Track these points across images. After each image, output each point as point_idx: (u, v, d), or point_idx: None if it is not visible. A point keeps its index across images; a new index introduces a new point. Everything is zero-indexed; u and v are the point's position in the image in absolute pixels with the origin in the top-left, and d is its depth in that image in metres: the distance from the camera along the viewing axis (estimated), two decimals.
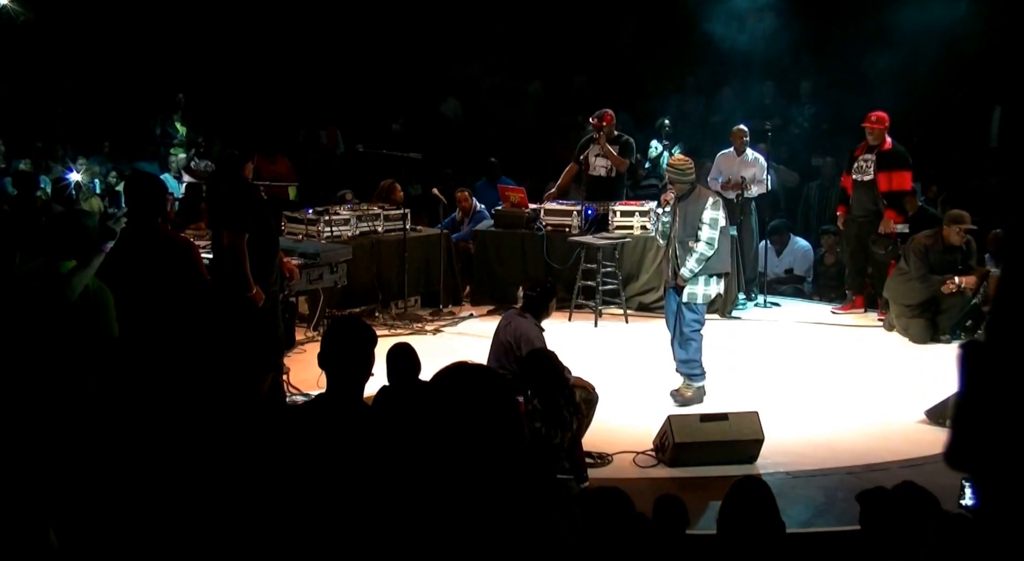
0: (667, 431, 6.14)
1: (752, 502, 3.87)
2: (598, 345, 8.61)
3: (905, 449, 6.39)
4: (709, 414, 6.26)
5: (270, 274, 6.35)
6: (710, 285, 7.15)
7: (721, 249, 7.08)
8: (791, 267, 11.26)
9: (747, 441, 6.15)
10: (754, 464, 6.12)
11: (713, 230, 7.02)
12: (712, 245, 7.02)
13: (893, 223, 9.63)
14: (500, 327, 6.44)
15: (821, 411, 7.18)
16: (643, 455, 6.28)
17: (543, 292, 6.51)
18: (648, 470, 6.15)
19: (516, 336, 6.20)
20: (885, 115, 9.71)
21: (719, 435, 6.11)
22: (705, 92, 13.90)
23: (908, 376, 8.04)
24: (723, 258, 7.16)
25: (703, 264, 7.05)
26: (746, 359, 8.50)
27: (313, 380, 7.22)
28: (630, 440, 6.47)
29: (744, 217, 10.39)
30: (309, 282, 7.86)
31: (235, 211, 6.18)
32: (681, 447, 6.05)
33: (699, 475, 5.96)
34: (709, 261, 7.05)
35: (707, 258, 7.04)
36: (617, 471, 6.12)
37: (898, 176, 9.60)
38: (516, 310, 6.53)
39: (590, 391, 6.22)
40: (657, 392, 7.44)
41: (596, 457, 6.19)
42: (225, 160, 6.55)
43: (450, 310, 9.90)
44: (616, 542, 3.71)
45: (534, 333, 6.25)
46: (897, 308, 9.19)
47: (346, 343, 3.39)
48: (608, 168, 10.16)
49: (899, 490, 3.85)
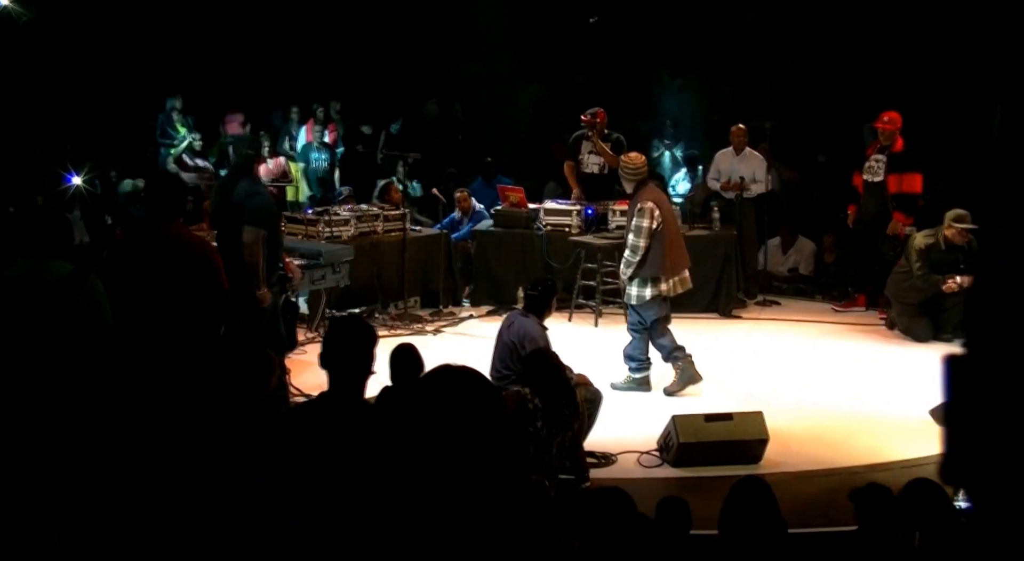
0: (671, 431, 6.13)
1: (753, 502, 3.86)
2: (598, 345, 8.59)
3: (908, 449, 6.38)
4: (714, 414, 6.25)
5: (272, 274, 6.38)
6: (644, 288, 7.32)
7: (651, 255, 7.25)
8: (796, 265, 11.24)
9: (752, 441, 6.15)
10: (758, 464, 6.12)
11: (637, 237, 7.25)
12: (635, 252, 7.27)
13: (902, 225, 9.59)
14: (503, 327, 6.44)
15: (822, 410, 7.17)
16: (647, 455, 6.27)
17: (544, 291, 6.52)
18: (652, 470, 6.14)
19: (520, 336, 6.20)
20: (897, 115, 9.62)
21: (723, 435, 6.11)
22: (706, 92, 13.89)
23: (910, 375, 8.01)
24: (653, 263, 7.28)
25: (631, 268, 7.31)
26: (746, 358, 8.49)
27: (313, 381, 7.23)
28: (632, 440, 6.46)
29: (744, 218, 10.38)
30: (312, 282, 7.84)
31: (258, 208, 6.26)
32: (686, 447, 6.04)
33: (704, 475, 5.95)
34: (639, 266, 7.26)
35: (632, 263, 7.29)
36: (621, 471, 6.12)
37: (908, 178, 9.55)
38: (519, 310, 6.54)
39: (593, 391, 6.22)
40: (658, 392, 7.44)
41: (600, 457, 6.19)
42: (242, 159, 6.55)
43: (450, 310, 9.89)
44: (616, 542, 3.70)
45: (537, 332, 6.25)
46: (899, 307, 9.18)
47: (347, 342, 3.39)
48: (601, 165, 10.14)
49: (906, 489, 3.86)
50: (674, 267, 7.39)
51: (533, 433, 5.34)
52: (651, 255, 7.26)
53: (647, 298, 7.33)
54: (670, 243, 7.34)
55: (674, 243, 7.42)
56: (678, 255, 7.46)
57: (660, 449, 6.28)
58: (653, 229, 7.22)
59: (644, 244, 7.23)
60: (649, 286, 7.31)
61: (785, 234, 11.26)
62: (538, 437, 5.36)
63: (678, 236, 7.65)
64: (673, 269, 7.37)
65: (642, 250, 7.24)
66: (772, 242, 11.29)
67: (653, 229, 7.22)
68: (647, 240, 7.23)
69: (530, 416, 5.36)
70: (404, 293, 9.51)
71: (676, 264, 7.41)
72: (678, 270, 7.44)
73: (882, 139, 9.69)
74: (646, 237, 7.23)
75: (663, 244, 7.27)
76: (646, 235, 7.23)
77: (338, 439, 3.21)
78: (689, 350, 7.50)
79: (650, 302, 7.33)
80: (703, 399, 7.21)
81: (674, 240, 7.44)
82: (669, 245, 7.32)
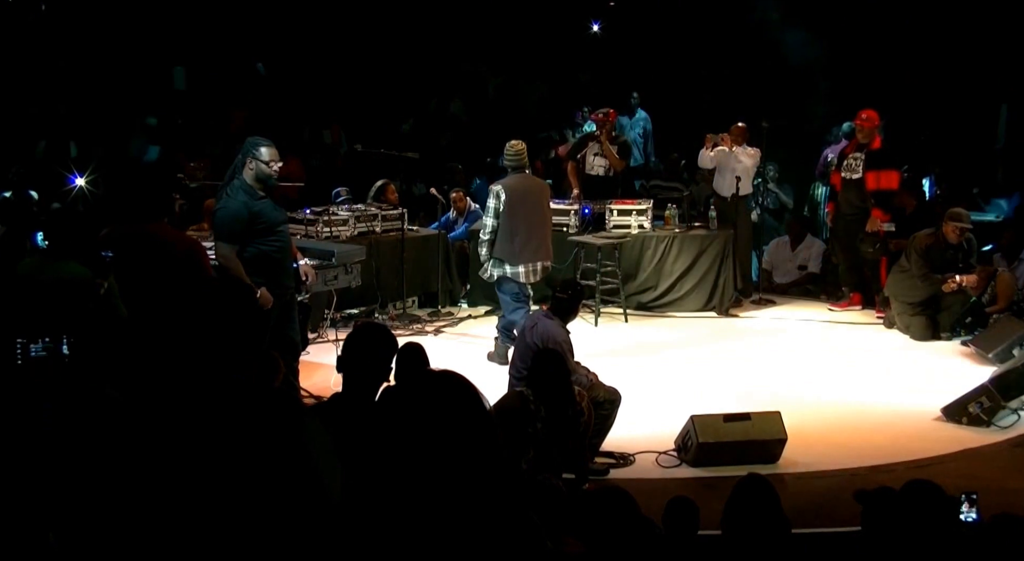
0: (690, 431, 6.12)
1: (757, 501, 3.85)
2: (599, 345, 8.58)
3: (910, 449, 6.38)
4: (732, 414, 6.22)
5: (284, 276, 6.28)
6: (495, 268, 7.77)
7: (499, 237, 7.70)
8: (805, 263, 11.22)
9: (770, 441, 6.14)
10: (776, 463, 6.11)
11: (485, 217, 7.80)
12: (483, 230, 7.82)
13: (880, 222, 9.65)
14: (526, 328, 6.37)
15: (823, 410, 7.13)
16: (665, 455, 6.26)
17: (573, 295, 6.45)
18: (671, 470, 6.13)
19: (543, 339, 6.13)
20: (875, 113, 9.76)
21: (742, 435, 6.10)
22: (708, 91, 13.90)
23: (910, 375, 8.02)
24: (500, 245, 7.71)
25: (483, 247, 7.85)
26: (745, 358, 8.47)
27: (313, 381, 7.22)
28: (647, 440, 6.44)
29: (739, 215, 10.39)
30: (325, 283, 7.77)
31: (218, 222, 6.10)
32: (705, 447, 6.03)
33: (722, 475, 5.84)
34: (489, 246, 7.75)
35: (483, 242, 7.81)
36: (640, 471, 6.10)
37: (886, 175, 9.64)
38: (543, 311, 6.49)
39: (612, 391, 6.20)
40: (659, 392, 7.42)
41: (618, 457, 6.18)
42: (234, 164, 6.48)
43: (448, 310, 9.88)
44: (618, 543, 3.69)
45: (561, 336, 6.20)
46: (899, 305, 9.18)
47: (369, 349, 3.35)
48: (606, 168, 10.13)
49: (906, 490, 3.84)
50: (522, 254, 7.72)
51: (533, 434, 5.33)
52: (499, 237, 7.70)
53: (494, 277, 7.81)
54: (523, 229, 7.69)
55: (530, 230, 7.73)
56: (535, 243, 7.77)
57: (678, 449, 6.26)
58: (499, 210, 7.66)
59: (491, 224, 7.72)
60: (497, 266, 7.76)
61: (793, 232, 11.26)
62: (538, 438, 5.34)
63: (540, 226, 7.89)
64: (522, 256, 7.72)
65: (489, 230, 7.72)
66: (780, 240, 11.30)
67: (499, 210, 7.66)
68: (494, 220, 7.71)
69: (531, 417, 5.35)
70: (403, 294, 9.49)
71: (525, 252, 7.73)
72: (529, 259, 7.75)
73: (860, 137, 9.77)
74: (492, 217, 7.72)
75: (508, 228, 7.67)
76: (492, 215, 7.72)
77: (343, 440, 3.19)
78: (687, 350, 7.46)
79: (501, 280, 7.79)
80: (703, 399, 7.17)
81: (531, 227, 7.74)
82: (522, 231, 7.69)
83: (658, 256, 9.94)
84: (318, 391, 6.83)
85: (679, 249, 9.93)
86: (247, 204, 5.98)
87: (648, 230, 9.96)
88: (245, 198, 5.99)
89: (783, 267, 11.23)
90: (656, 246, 9.95)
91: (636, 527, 3.77)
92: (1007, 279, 9.18)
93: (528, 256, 7.75)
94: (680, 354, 8.53)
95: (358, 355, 3.35)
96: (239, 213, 5.97)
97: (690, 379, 7.83)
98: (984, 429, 6.75)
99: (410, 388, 2.38)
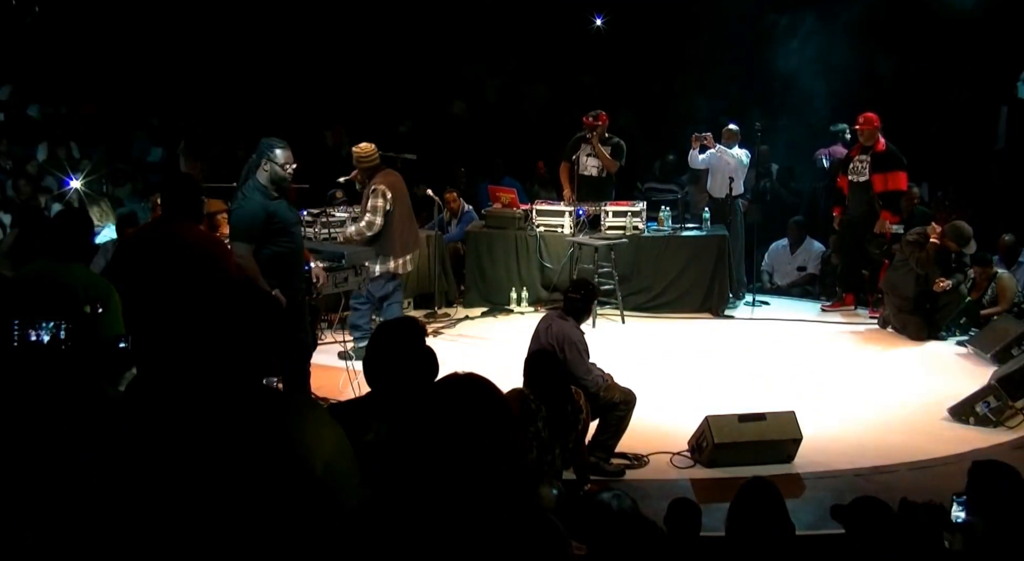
0: (705, 431, 6.11)
1: (761, 504, 3.83)
2: (599, 345, 8.52)
3: (912, 450, 6.37)
4: (747, 414, 6.20)
5: (296, 278, 6.27)
6: (375, 264, 7.89)
7: (383, 233, 7.96)
8: (804, 265, 11.20)
9: (785, 441, 6.14)
10: (791, 464, 6.11)
11: (373, 216, 7.96)
12: (371, 228, 7.96)
13: (889, 223, 9.65)
14: (540, 329, 6.31)
15: (824, 410, 7.09)
16: (679, 456, 6.25)
17: (587, 295, 6.39)
18: (686, 471, 6.12)
19: (559, 339, 6.09)
20: (874, 116, 9.72)
21: (757, 435, 6.10)
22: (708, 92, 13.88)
23: (909, 374, 8.01)
24: (385, 241, 7.98)
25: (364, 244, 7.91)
26: (743, 359, 8.45)
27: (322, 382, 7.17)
28: (660, 440, 6.44)
29: (732, 217, 10.38)
30: (335, 285, 7.73)
31: (234, 222, 6.17)
32: (720, 447, 6.02)
33: (737, 475, 5.70)
34: (371, 243, 7.89)
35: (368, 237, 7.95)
36: (655, 472, 6.10)
37: (893, 177, 9.63)
38: (557, 311, 6.45)
39: (627, 392, 6.18)
40: (663, 393, 7.38)
41: (632, 458, 6.18)
42: (248, 165, 6.45)
43: (444, 312, 9.86)
44: (618, 544, 3.67)
45: (577, 337, 6.17)
46: (896, 301, 9.14)
47: (395, 352, 3.29)
48: (599, 168, 10.13)
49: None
50: (404, 247, 8.10)
51: (535, 434, 5.30)
52: (384, 234, 7.96)
53: (376, 273, 7.94)
54: (400, 224, 8.02)
55: (404, 225, 8.10)
56: (408, 236, 8.16)
57: (692, 449, 6.26)
58: (387, 210, 7.93)
59: (379, 222, 7.94)
60: (379, 262, 7.95)
61: (793, 235, 11.25)
62: (539, 438, 5.32)
63: (410, 219, 8.26)
64: (404, 249, 8.09)
65: (377, 227, 7.94)
66: (780, 242, 11.29)
67: (387, 210, 7.93)
68: (382, 218, 7.94)
69: (531, 417, 5.32)
70: None
71: (406, 244, 8.12)
72: (408, 250, 8.16)
73: (862, 139, 9.76)
74: (381, 216, 7.94)
75: (393, 225, 7.97)
76: (381, 214, 7.93)
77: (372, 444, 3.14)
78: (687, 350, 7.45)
79: (379, 278, 7.99)
80: (703, 399, 7.14)
81: (404, 221, 8.11)
82: (399, 226, 8.01)
83: (653, 257, 9.94)
84: (324, 393, 6.79)
85: (674, 250, 9.94)
86: (263, 204, 6.01)
87: (643, 231, 9.96)
88: (261, 198, 6.03)
89: (783, 269, 11.24)
90: (651, 248, 9.95)
91: (639, 529, 3.75)
92: (1008, 280, 9.17)
93: (410, 247, 8.17)
94: (680, 355, 8.54)
95: (385, 360, 3.27)
96: (256, 213, 5.99)
97: (691, 380, 7.83)
98: (990, 429, 6.74)
99: (437, 392, 2.35)
